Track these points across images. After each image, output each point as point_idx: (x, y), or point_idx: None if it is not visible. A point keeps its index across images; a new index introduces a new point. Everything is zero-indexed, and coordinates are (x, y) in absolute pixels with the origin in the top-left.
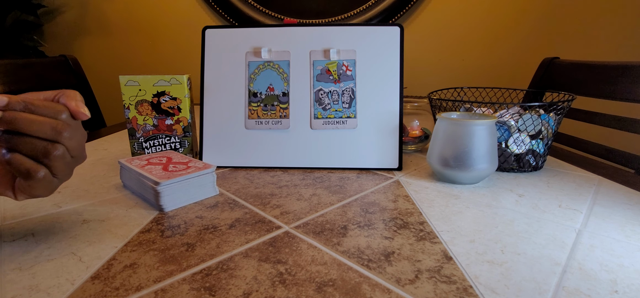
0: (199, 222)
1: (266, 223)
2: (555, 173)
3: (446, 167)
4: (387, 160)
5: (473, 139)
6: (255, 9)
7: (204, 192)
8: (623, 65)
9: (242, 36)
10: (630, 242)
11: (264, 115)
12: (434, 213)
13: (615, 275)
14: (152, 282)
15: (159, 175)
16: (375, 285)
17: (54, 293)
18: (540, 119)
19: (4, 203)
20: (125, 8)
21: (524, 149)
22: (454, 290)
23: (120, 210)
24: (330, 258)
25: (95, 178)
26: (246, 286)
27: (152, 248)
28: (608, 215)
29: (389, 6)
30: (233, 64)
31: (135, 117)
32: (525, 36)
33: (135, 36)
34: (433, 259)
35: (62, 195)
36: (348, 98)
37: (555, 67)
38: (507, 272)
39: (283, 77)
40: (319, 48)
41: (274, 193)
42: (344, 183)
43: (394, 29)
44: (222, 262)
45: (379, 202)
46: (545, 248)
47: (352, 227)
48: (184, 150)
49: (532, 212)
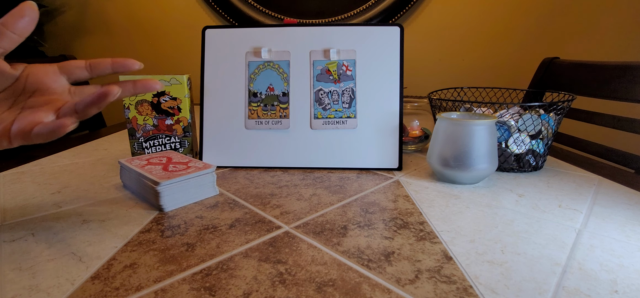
0: (199, 222)
1: (266, 223)
2: (555, 173)
3: (446, 167)
4: (387, 160)
5: (473, 139)
6: (255, 9)
7: (204, 192)
8: (623, 65)
9: (242, 36)
10: (630, 242)
11: (264, 115)
12: (434, 213)
13: (615, 275)
14: (152, 282)
15: (159, 175)
16: (375, 285)
17: (54, 293)
18: (540, 119)
19: (4, 203)
20: (126, 8)
21: (524, 149)
22: (454, 290)
23: (120, 210)
24: (330, 258)
25: (95, 178)
26: (246, 286)
27: (152, 248)
28: (608, 215)
29: (389, 6)
30: (233, 64)
31: (135, 117)
32: (525, 36)
33: (135, 36)
34: (433, 259)
35: (62, 195)
36: (348, 98)
37: (555, 67)
38: (507, 272)
39: (283, 77)
40: (319, 48)
41: (274, 193)
42: (344, 183)
43: (394, 29)
44: (222, 262)
45: (379, 202)
46: (545, 248)
47: (352, 227)
48: (184, 150)
49: (532, 212)
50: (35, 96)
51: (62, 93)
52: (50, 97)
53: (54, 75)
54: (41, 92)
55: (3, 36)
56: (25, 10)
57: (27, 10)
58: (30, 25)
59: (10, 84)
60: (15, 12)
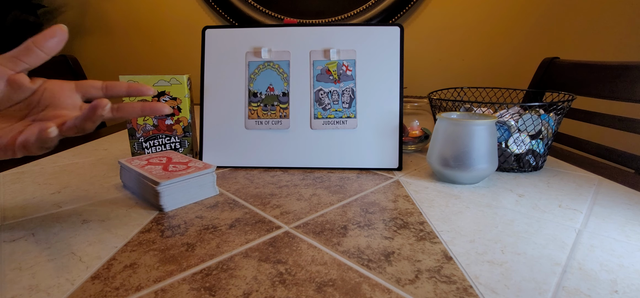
0: (199, 222)
1: (266, 223)
2: (555, 173)
3: (446, 167)
4: (387, 160)
5: (473, 139)
6: (255, 9)
7: (204, 192)
8: (623, 65)
9: (242, 36)
10: (630, 242)
11: (264, 115)
12: (434, 213)
13: (615, 275)
14: (152, 282)
15: (159, 175)
16: (375, 285)
17: (54, 293)
18: (540, 119)
19: (4, 203)
20: (126, 8)
21: (524, 149)
22: (454, 290)
23: (120, 210)
24: (330, 258)
25: (95, 178)
26: (246, 286)
27: (152, 248)
28: (608, 215)
29: (389, 6)
30: (233, 64)
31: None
32: (525, 36)
33: (136, 36)
34: (433, 259)
35: (62, 195)
36: (348, 98)
37: (555, 67)
38: (507, 272)
39: (283, 77)
40: (319, 48)
41: (274, 193)
42: (344, 183)
43: (394, 29)
44: (222, 262)
45: (379, 202)
46: (545, 248)
47: (352, 227)
48: (184, 150)
49: (532, 212)
50: (48, 110)
51: (74, 109)
52: (61, 112)
53: (70, 92)
54: (54, 107)
55: (31, 53)
56: (57, 31)
57: (58, 32)
58: (59, 45)
59: (28, 96)
60: (47, 32)
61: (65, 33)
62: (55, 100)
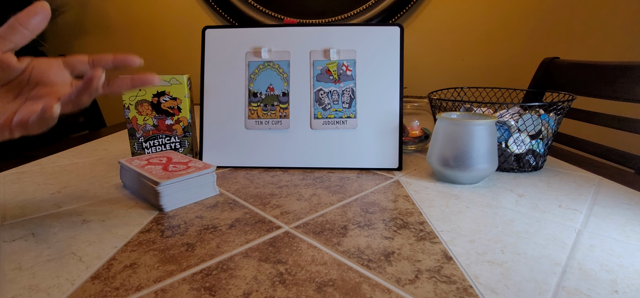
0: (199, 222)
1: (266, 223)
2: (555, 173)
3: (446, 167)
4: (387, 160)
5: (473, 139)
6: (255, 9)
7: (204, 192)
8: (623, 65)
9: (242, 36)
10: (630, 242)
11: (264, 115)
12: (434, 213)
13: (615, 275)
14: (152, 282)
15: (159, 175)
16: (375, 285)
17: (54, 293)
18: (540, 119)
19: (4, 203)
20: (125, 8)
21: (524, 149)
22: (454, 290)
23: (120, 210)
24: (330, 258)
25: (95, 178)
26: (246, 286)
27: (152, 248)
28: (608, 215)
29: (389, 6)
30: (233, 64)
31: (135, 117)
32: (525, 36)
33: (135, 36)
34: (433, 259)
35: (62, 195)
36: (348, 98)
37: (555, 67)
38: (507, 272)
39: (283, 77)
40: (319, 48)
41: (274, 193)
42: (344, 183)
43: (394, 29)
44: (222, 262)
45: (379, 202)
46: (545, 248)
47: (352, 227)
48: (184, 150)
49: (532, 212)
50: (39, 88)
51: (64, 85)
52: (52, 88)
53: (58, 69)
54: (44, 84)
55: (16, 31)
56: (38, 8)
57: (39, 9)
58: (43, 22)
59: (17, 76)
60: (29, 9)
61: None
62: (45, 77)
